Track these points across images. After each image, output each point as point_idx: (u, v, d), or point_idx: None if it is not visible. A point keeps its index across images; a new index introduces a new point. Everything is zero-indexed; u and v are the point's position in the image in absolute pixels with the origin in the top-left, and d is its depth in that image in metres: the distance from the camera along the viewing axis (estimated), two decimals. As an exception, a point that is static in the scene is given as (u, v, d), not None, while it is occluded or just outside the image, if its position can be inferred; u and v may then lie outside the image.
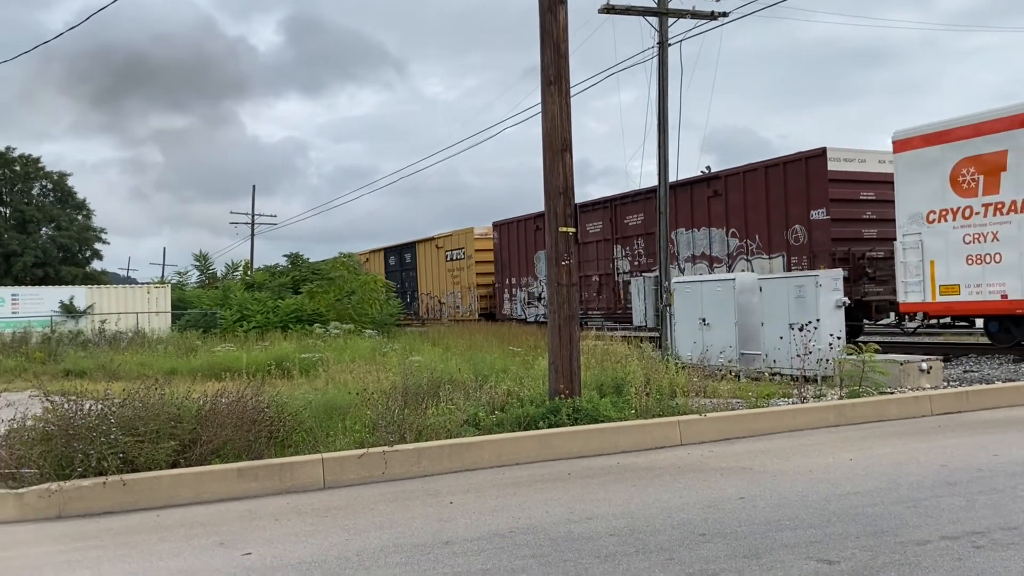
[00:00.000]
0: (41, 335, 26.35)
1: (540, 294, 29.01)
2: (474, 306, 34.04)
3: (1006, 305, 14.66)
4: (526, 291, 30.58)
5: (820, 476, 6.99)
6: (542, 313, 28.79)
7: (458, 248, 35.28)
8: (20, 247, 48.53)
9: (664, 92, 17.44)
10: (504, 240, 32.09)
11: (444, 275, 36.44)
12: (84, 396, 7.52)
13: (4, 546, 5.85)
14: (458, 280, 35.40)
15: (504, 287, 32.13)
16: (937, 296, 15.72)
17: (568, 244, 9.46)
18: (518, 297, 31.09)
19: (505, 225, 32.12)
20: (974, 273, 15.08)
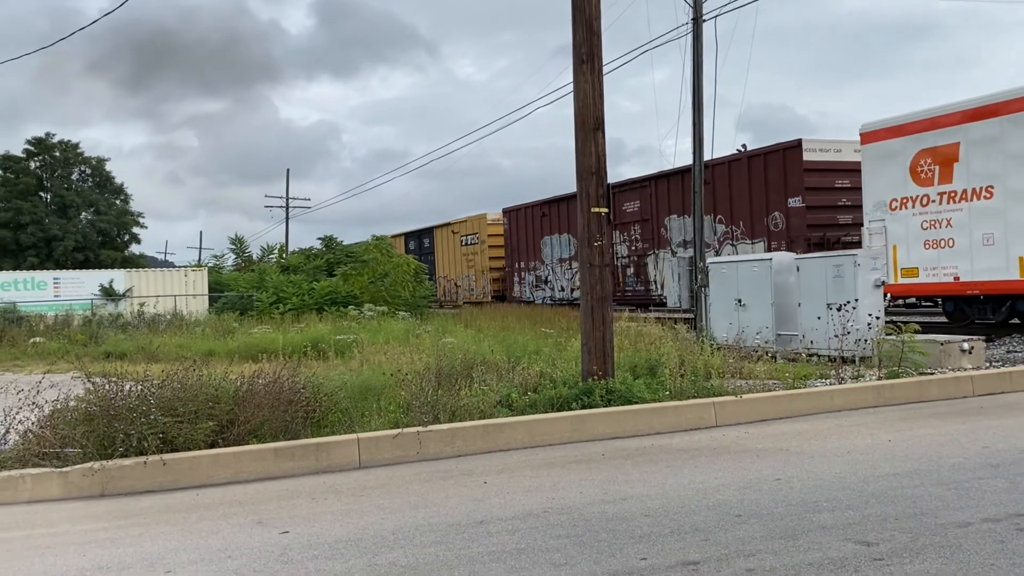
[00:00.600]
0: (82, 318, 26.89)
1: (547, 277, 30.14)
2: (487, 288, 35.03)
3: (958, 287, 15.68)
4: (534, 274, 31.59)
5: (858, 457, 6.90)
6: (549, 296, 30.10)
7: (472, 233, 36.30)
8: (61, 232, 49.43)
9: (699, 69, 17.21)
10: (513, 226, 33.17)
11: (459, 259, 37.35)
12: (124, 377, 7.65)
13: (50, 523, 5.99)
14: (472, 264, 36.33)
15: (514, 271, 33.16)
16: (899, 278, 16.73)
17: (601, 224, 9.40)
18: (527, 280, 32.07)
19: (514, 211, 33.11)
20: (931, 257, 16.11)
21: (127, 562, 4.95)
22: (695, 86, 17.26)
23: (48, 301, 30.80)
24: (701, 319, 16.92)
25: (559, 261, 29.93)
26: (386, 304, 28.21)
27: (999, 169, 14.82)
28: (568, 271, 29.14)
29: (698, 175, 17.55)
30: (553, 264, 30.33)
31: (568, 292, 29.08)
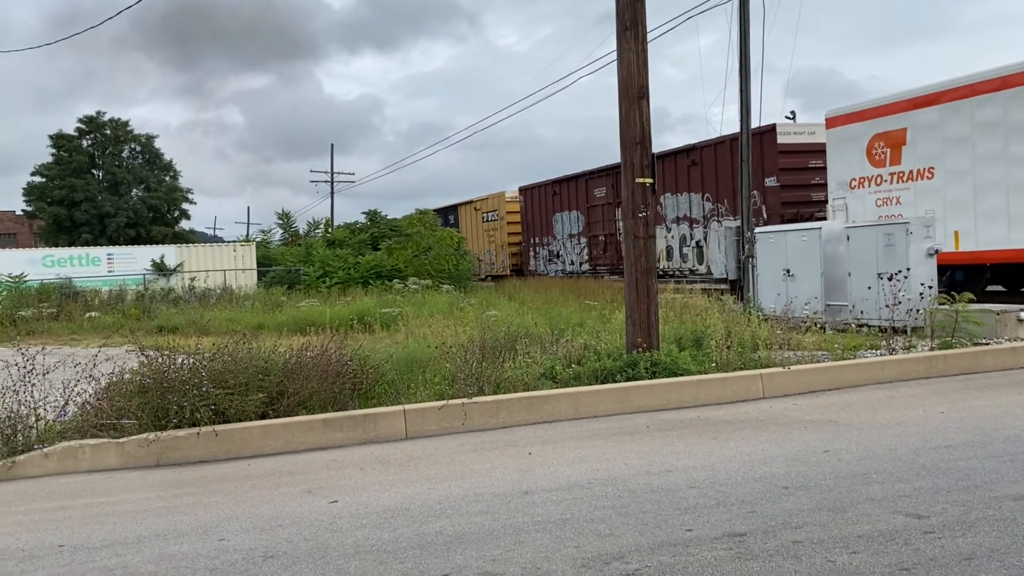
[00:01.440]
0: (135, 293, 27.52)
1: (559, 252, 31.95)
2: (506, 263, 36.61)
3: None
4: (547, 249, 33.10)
5: (909, 429, 6.79)
6: (560, 269, 31.74)
7: (492, 210, 37.76)
8: (113, 208, 50.45)
9: (745, 34, 16.84)
10: (528, 203, 34.70)
11: (481, 235, 38.76)
12: (176, 351, 7.83)
13: (108, 491, 6.18)
14: (493, 239, 37.75)
15: (530, 246, 34.74)
16: None
17: (645, 195, 9.30)
18: (541, 255, 33.61)
19: (529, 190, 34.68)
20: None
21: (182, 530, 5.09)
22: (742, 52, 16.91)
23: (102, 276, 31.54)
24: (748, 290, 16.72)
25: (569, 237, 31.18)
26: (430, 277, 28.38)
27: (939, 152, 16.19)
28: (577, 246, 30.47)
29: (745, 144, 17.25)
30: (564, 239, 31.65)
31: (577, 265, 30.40)
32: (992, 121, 15.08)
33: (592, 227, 29.49)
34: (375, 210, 36.29)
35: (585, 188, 29.92)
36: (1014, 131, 14.66)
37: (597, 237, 29.30)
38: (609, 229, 28.41)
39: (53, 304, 23.57)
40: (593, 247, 29.58)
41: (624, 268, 9.53)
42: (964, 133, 15.65)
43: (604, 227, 28.75)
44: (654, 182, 9.39)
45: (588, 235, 29.78)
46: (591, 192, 29.46)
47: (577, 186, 30.34)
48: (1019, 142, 14.57)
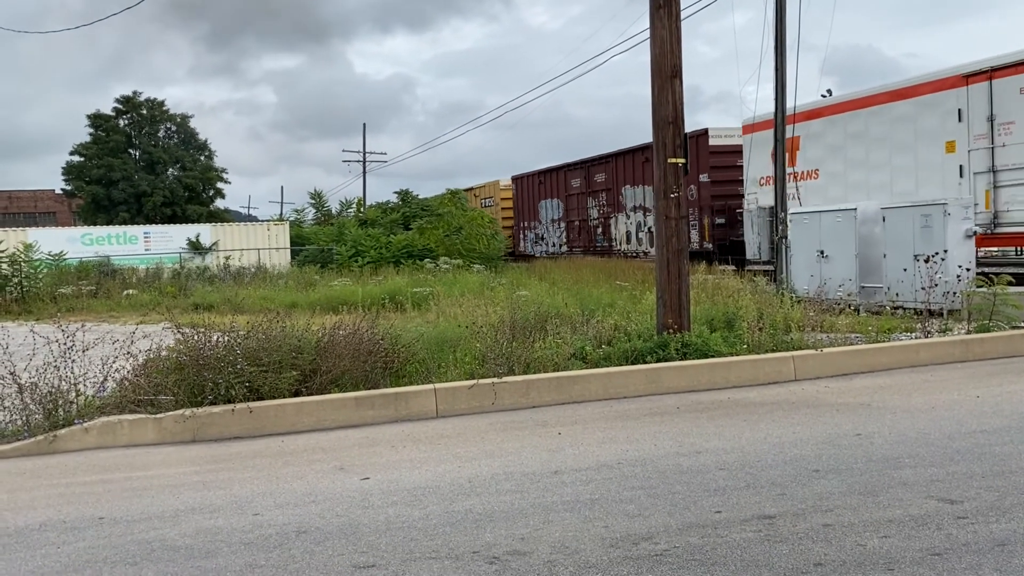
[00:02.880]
0: (171, 271, 27.91)
1: (543, 235, 35.87)
2: None
3: None
4: (534, 232, 36.77)
5: (943, 413, 6.71)
6: (544, 250, 35.52)
7: (489, 196, 40.82)
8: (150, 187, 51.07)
9: (782, 11, 16.55)
10: (519, 191, 38.43)
11: None
12: (212, 329, 7.94)
13: (146, 466, 6.32)
14: None
15: (520, 229, 38.47)
16: None
17: (678, 176, 9.23)
18: (528, 237, 37.30)
19: (519, 179, 38.42)
20: None
21: (217, 504, 5.20)
22: (777, 29, 16.62)
23: (139, 255, 32.02)
24: (781, 271, 16.55)
25: (551, 221, 34.99)
26: (461, 257, 28.42)
27: (822, 156, 19.98)
28: (558, 229, 34.38)
29: (780, 123, 16.99)
30: (547, 224, 35.37)
31: (558, 247, 34.26)
32: (857, 133, 18.93)
33: (569, 213, 33.35)
34: (406, 190, 36.40)
35: (564, 179, 33.54)
36: (873, 142, 18.52)
37: (573, 222, 33.14)
38: (582, 215, 32.31)
39: (92, 282, 23.99)
40: (570, 231, 33.37)
41: (655, 249, 9.48)
42: (839, 142, 19.57)
43: (579, 213, 32.66)
44: (687, 162, 9.31)
45: (566, 220, 33.58)
46: (569, 183, 33.22)
47: (558, 177, 34.17)
48: (877, 151, 18.46)
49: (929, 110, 17.52)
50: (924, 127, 17.63)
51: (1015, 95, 15.69)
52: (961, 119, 16.78)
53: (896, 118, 18.16)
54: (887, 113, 18.32)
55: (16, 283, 21.54)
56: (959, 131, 16.79)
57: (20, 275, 21.69)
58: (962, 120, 16.76)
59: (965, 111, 16.69)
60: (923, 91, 17.83)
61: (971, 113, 16.56)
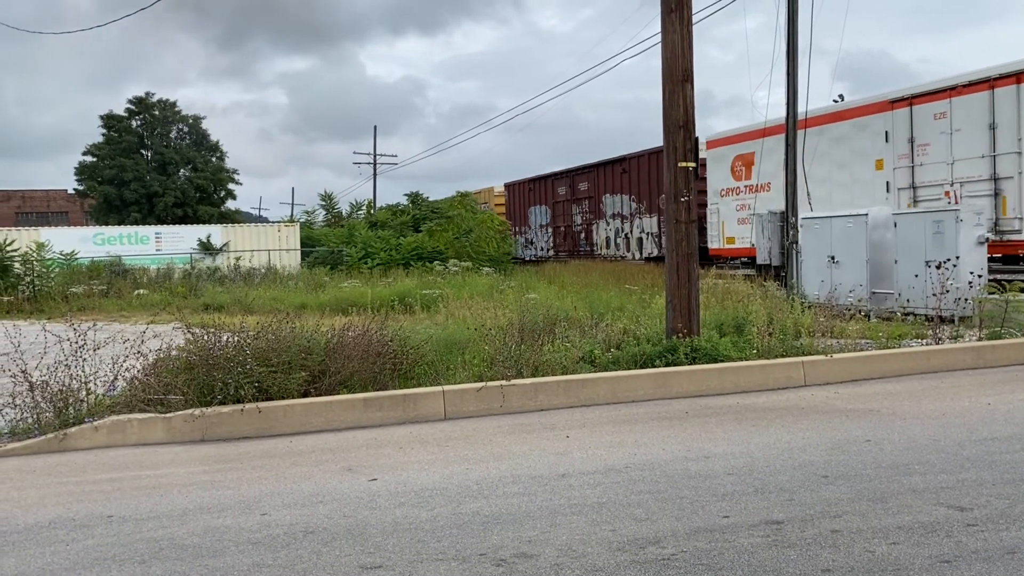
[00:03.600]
0: (182, 271, 28.05)
1: (532, 239, 37.78)
2: None
3: (753, 251, 21.35)
4: (524, 237, 38.47)
5: (954, 420, 6.67)
6: (532, 253, 37.30)
7: (484, 203, 41.88)
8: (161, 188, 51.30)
9: (794, 15, 16.51)
10: (511, 197, 40.28)
11: None
12: (222, 329, 7.98)
13: (155, 465, 6.34)
14: None
15: (513, 234, 39.29)
16: (724, 244, 24.35)
17: (688, 180, 9.21)
18: (519, 241, 38.60)
19: (512, 186, 40.32)
20: (741, 230, 23.33)
21: (226, 504, 5.21)
22: (789, 34, 16.58)
23: (150, 255, 32.17)
24: (792, 276, 16.50)
25: (540, 227, 36.93)
26: (471, 259, 28.48)
27: (774, 171, 20.33)
28: (545, 234, 36.48)
29: (792, 127, 16.94)
30: (536, 229, 37.27)
31: (545, 251, 36.19)
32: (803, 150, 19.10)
33: (556, 219, 35.38)
34: (417, 192, 36.52)
35: (552, 187, 35.56)
36: (817, 158, 19.28)
37: (559, 227, 35.17)
38: (567, 221, 34.40)
39: (103, 281, 24.13)
40: (556, 236, 35.40)
41: (664, 253, 9.47)
42: None
43: (564, 220, 34.74)
44: (697, 166, 9.29)
45: (553, 226, 35.62)
46: (555, 190, 35.37)
47: (545, 185, 36.34)
48: (819, 166, 19.66)
49: (862, 131, 19.45)
50: (858, 147, 19.56)
51: (930, 120, 17.67)
52: (888, 140, 18.76)
53: (836, 138, 20.03)
54: (829, 133, 20.08)
55: (28, 282, 21.68)
56: (886, 151, 18.79)
57: (32, 274, 21.83)
58: (888, 141, 18.75)
59: (891, 133, 18.66)
60: (858, 114, 19.81)
61: (895, 135, 18.52)
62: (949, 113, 17.14)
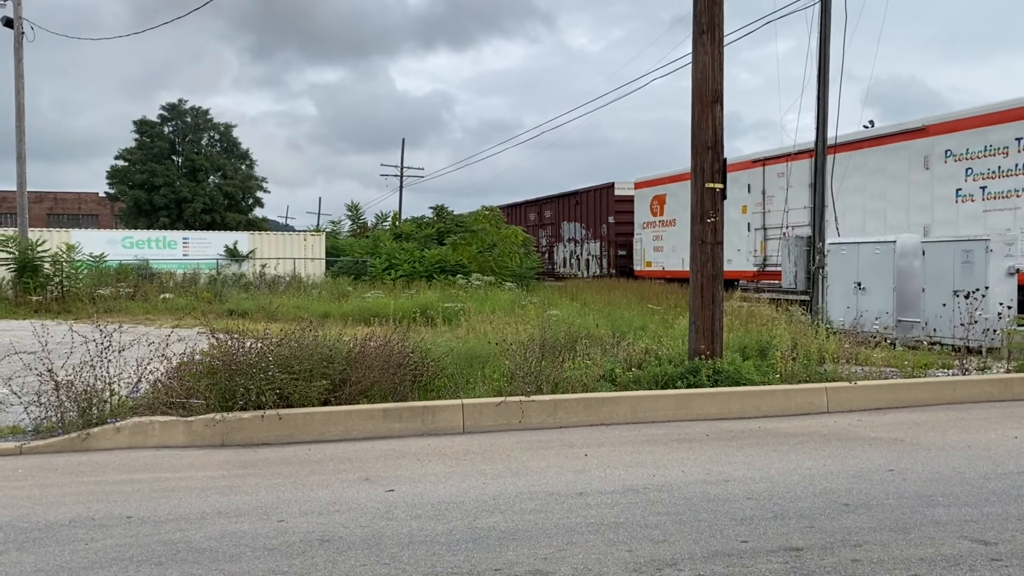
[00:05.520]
0: (208, 276, 28.32)
1: None
2: None
3: (666, 273, 27.84)
4: None
5: (979, 452, 6.57)
6: None
7: None
8: (191, 194, 51.97)
9: (826, 41, 16.46)
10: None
11: None
12: (245, 335, 8.03)
13: (175, 468, 6.38)
14: None
15: None
16: (644, 267, 29.99)
17: (715, 201, 9.19)
18: None
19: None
20: (658, 256, 29.11)
21: (243, 509, 5.23)
22: (820, 59, 16.53)
23: (177, 260, 32.51)
24: (817, 301, 16.36)
25: None
26: (493, 274, 28.50)
27: (679, 209, 25.93)
28: None
29: (821, 152, 16.86)
30: None
31: None
32: None
33: None
34: (442, 205, 36.65)
35: (525, 212, 40.30)
36: None
37: None
38: (536, 243, 37.25)
39: (130, 284, 24.41)
40: None
41: (689, 274, 9.43)
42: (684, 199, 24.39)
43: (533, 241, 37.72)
44: (724, 187, 9.26)
45: None
46: (527, 216, 40.25)
47: (521, 211, 41.39)
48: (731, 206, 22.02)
49: (734, 183, 22.05)
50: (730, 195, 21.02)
51: (775, 178, 22.66)
52: (750, 191, 23.79)
53: None
54: None
55: (57, 283, 21.97)
56: (749, 199, 23.81)
57: (61, 275, 22.13)
58: (750, 192, 23.80)
59: (752, 185, 23.65)
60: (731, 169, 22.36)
61: (754, 187, 23.57)
62: (787, 173, 21.66)
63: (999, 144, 16.73)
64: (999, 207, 16.47)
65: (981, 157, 16.95)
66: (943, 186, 17.77)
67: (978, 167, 16.96)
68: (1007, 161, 16.48)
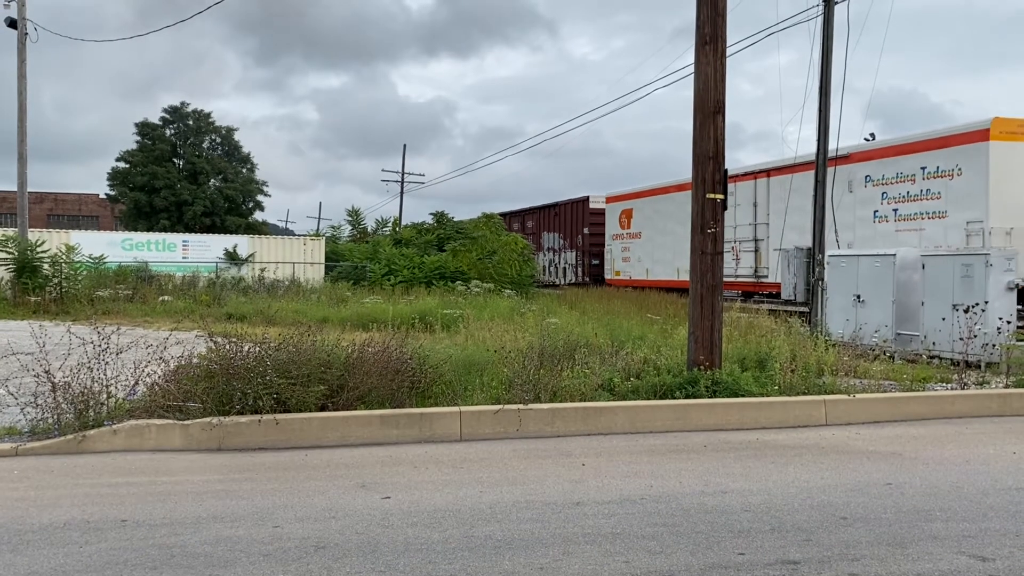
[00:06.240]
0: (207, 280, 28.31)
1: None
2: None
3: (632, 282, 29.73)
4: None
5: (978, 467, 6.55)
6: None
7: None
8: (191, 197, 51.92)
9: (828, 54, 16.51)
10: None
11: None
12: (244, 339, 8.00)
13: (171, 471, 6.36)
14: None
15: None
16: (614, 276, 32.00)
17: (716, 211, 9.19)
18: None
19: None
20: (625, 266, 31.34)
21: (239, 514, 5.21)
22: (823, 72, 16.57)
23: (177, 262, 32.50)
24: (816, 314, 16.36)
25: None
26: (493, 281, 28.49)
27: (644, 223, 29.90)
28: None
29: (822, 164, 16.89)
30: None
31: None
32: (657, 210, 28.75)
33: None
34: (442, 212, 36.76)
35: (510, 222, 40.58)
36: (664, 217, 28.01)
37: None
38: None
39: (129, 286, 24.40)
40: None
41: (689, 284, 9.42)
42: (650, 215, 29.44)
43: None
44: (725, 198, 9.26)
45: None
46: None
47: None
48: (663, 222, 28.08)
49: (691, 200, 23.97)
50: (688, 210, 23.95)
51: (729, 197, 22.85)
52: None
53: (678, 201, 25.92)
54: (673, 199, 27.34)
55: (56, 283, 21.96)
56: None
57: (60, 276, 22.12)
58: None
59: None
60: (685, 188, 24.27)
61: None
62: (735, 193, 22.57)
63: (908, 172, 18.56)
64: (908, 228, 18.03)
65: (893, 183, 18.64)
66: (863, 208, 19.59)
67: (891, 192, 18.64)
68: (914, 187, 18.34)
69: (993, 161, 16.56)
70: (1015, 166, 16.56)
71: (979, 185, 16.86)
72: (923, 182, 17.94)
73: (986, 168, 16.67)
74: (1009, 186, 16.55)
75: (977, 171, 16.91)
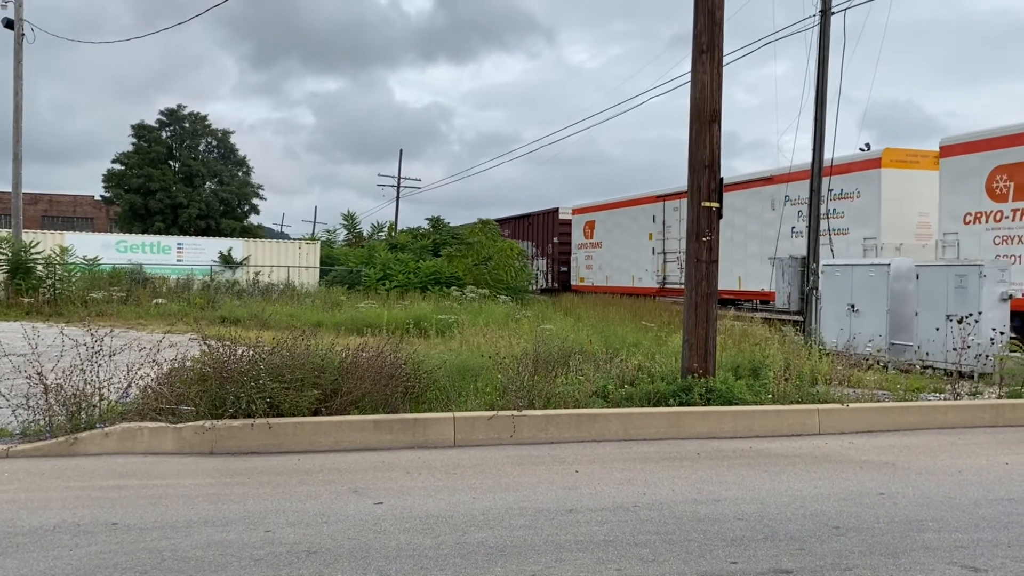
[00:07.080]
0: (201, 283, 28.23)
1: None
2: None
3: (595, 288, 31.92)
4: None
5: (970, 478, 6.56)
6: None
7: None
8: (186, 200, 51.87)
9: (824, 64, 16.58)
10: None
11: None
12: (237, 342, 7.99)
13: (163, 475, 6.33)
14: None
15: None
16: (579, 282, 34.35)
17: (711, 220, 9.20)
18: None
19: None
20: (588, 273, 33.79)
21: (230, 518, 5.19)
22: (819, 82, 16.63)
23: (171, 265, 32.46)
24: (810, 323, 16.39)
25: None
26: (488, 287, 28.48)
27: (604, 234, 32.44)
28: None
29: (817, 173, 16.96)
30: None
31: None
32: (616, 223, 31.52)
33: None
34: (438, 217, 36.77)
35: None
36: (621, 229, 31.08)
37: None
38: None
39: (123, 288, 24.35)
40: None
41: (684, 291, 9.43)
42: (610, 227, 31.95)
43: None
44: (721, 206, 9.28)
45: None
46: None
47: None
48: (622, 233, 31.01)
49: (644, 214, 29.41)
50: (641, 223, 29.43)
51: (672, 212, 27.08)
52: (655, 221, 28.62)
53: (633, 215, 30.08)
54: (628, 213, 30.50)
55: (49, 285, 21.90)
56: (654, 228, 28.67)
57: (54, 277, 22.05)
58: (655, 222, 28.61)
59: (656, 217, 28.52)
60: (642, 202, 29.75)
61: (656, 219, 28.46)
62: (680, 209, 23.84)
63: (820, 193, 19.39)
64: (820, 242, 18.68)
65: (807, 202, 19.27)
66: (784, 224, 21.05)
67: (806, 210, 19.30)
68: (823, 206, 19.08)
69: (885, 186, 19.10)
70: (903, 190, 19.12)
71: (873, 206, 19.35)
72: (832, 203, 19.69)
73: (879, 192, 19.19)
74: (899, 208, 19.09)
75: (872, 194, 19.40)
